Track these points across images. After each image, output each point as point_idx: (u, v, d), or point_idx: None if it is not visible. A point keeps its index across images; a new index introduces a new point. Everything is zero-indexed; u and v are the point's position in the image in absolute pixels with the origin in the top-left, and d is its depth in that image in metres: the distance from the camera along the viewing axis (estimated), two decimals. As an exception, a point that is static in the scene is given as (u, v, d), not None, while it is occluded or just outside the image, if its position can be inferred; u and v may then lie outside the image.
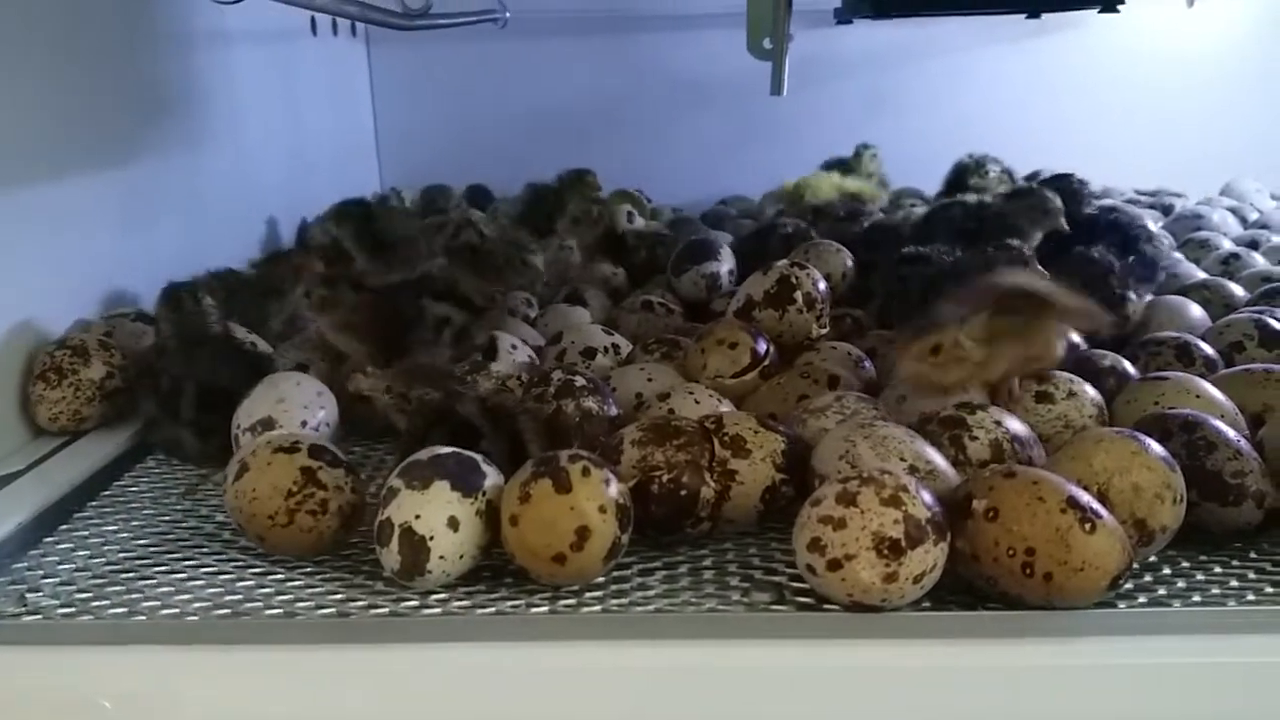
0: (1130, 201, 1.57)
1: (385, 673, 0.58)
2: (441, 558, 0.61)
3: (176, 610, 0.63)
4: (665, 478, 0.67)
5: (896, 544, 0.56)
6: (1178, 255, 1.26)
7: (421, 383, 0.77)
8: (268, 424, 0.79)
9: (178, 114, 1.23)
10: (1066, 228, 1.13)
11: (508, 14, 1.73)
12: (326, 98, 1.70)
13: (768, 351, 0.88)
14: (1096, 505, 0.59)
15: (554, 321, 1.09)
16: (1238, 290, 1.08)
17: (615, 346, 0.97)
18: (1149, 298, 1.02)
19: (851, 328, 1.02)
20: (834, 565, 0.57)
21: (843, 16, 1.45)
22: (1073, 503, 0.58)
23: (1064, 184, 1.26)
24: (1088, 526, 0.58)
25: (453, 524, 0.62)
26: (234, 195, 1.33)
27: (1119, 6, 1.12)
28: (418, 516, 0.61)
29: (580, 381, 0.81)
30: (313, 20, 1.61)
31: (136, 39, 1.14)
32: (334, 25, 1.69)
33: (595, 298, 1.17)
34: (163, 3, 1.19)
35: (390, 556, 0.62)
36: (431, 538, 0.61)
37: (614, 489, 0.62)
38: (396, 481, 0.63)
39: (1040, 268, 1.05)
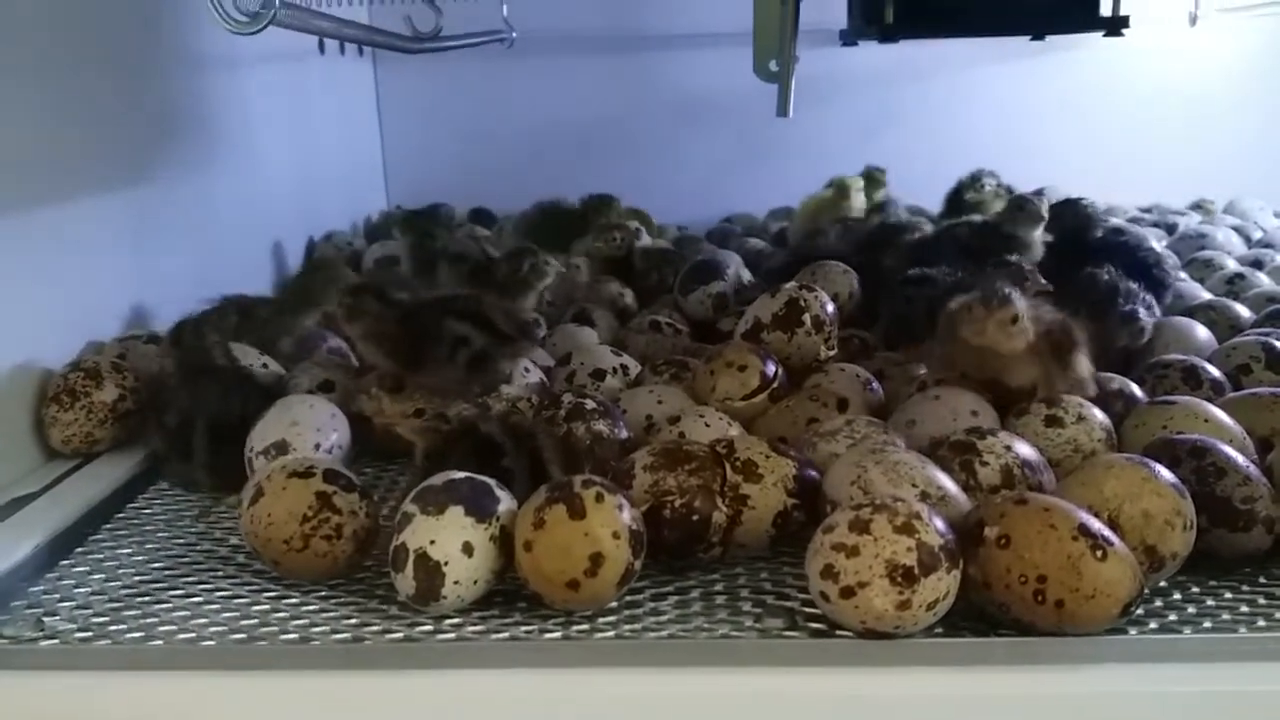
0: (1133, 220, 1.57)
1: (400, 699, 0.58)
2: (456, 583, 0.62)
3: (193, 635, 0.63)
4: (677, 502, 0.68)
5: (910, 571, 0.57)
6: (1183, 275, 1.26)
7: (441, 401, 0.77)
8: (281, 447, 0.79)
9: (188, 135, 1.24)
10: (1045, 215, 1.17)
11: (514, 34, 1.74)
12: (334, 118, 1.71)
13: (776, 374, 0.88)
14: (1107, 532, 0.59)
15: (562, 342, 1.09)
16: (1244, 311, 1.08)
17: (624, 368, 0.97)
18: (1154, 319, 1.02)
19: (859, 349, 1.02)
20: (847, 592, 0.58)
21: (848, 39, 1.46)
22: (1084, 530, 0.59)
23: (1073, 208, 1.27)
24: (1099, 554, 0.58)
25: (467, 549, 0.62)
26: (243, 215, 1.34)
27: (1123, 30, 1.13)
28: (432, 542, 0.62)
29: (591, 404, 0.82)
30: (320, 40, 1.62)
31: (146, 61, 1.15)
32: (341, 46, 1.69)
33: (603, 318, 1.18)
34: (172, 25, 1.20)
35: (405, 582, 0.62)
36: (446, 563, 0.61)
37: (627, 514, 0.63)
38: (411, 507, 0.63)
39: (1042, 280, 1.06)
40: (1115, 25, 1.13)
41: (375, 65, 1.87)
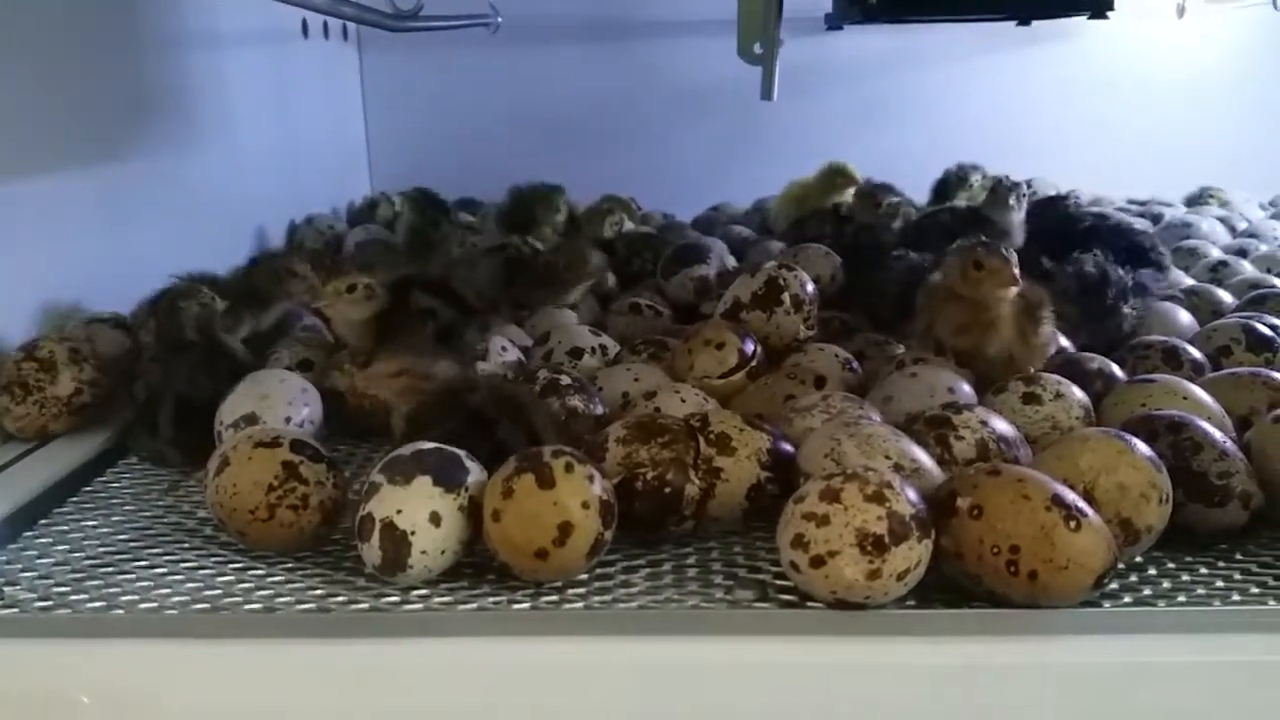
0: (1120, 210, 1.57)
1: (365, 668, 0.57)
2: (423, 553, 0.61)
3: (155, 605, 0.62)
4: (650, 475, 0.67)
5: (880, 540, 0.56)
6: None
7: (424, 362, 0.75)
8: (251, 420, 0.78)
9: (166, 114, 1.23)
10: (1015, 201, 1.18)
11: (499, 19, 1.73)
12: (317, 101, 1.69)
13: (755, 352, 0.88)
14: (1082, 504, 0.59)
15: (541, 322, 1.08)
16: (1226, 297, 1.08)
17: (603, 347, 0.97)
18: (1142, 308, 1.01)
19: (839, 330, 1.02)
20: (817, 561, 0.57)
21: (833, 22, 1.45)
22: (1058, 501, 0.58)
23: (1055, 207, 1.28)
24: (1073, 524, 0.57)
25: (434, 519, 0.61)
26: (222, 197, 1.33)
27: (1109, 13, 1.12)
28: (399, 511, 0.61)
29: (566, 380, 0.81)
30: (304, 23, 1.61)
31: (125, 38, 1.14)
32: (325, 28, 1.68)
33: (584, 300, 1.17)
34: (152, 2, 1.19)
35: (371, 552, 0.61)
36: (413, 533, 0.61)
37: (598, 485, 0.62)
38: (378, 476, 0.62)
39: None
40: (1100, 7, 1.13)
41: (360, 49, 1.86)
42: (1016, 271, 0.79)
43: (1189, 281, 1.16)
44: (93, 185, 1.04)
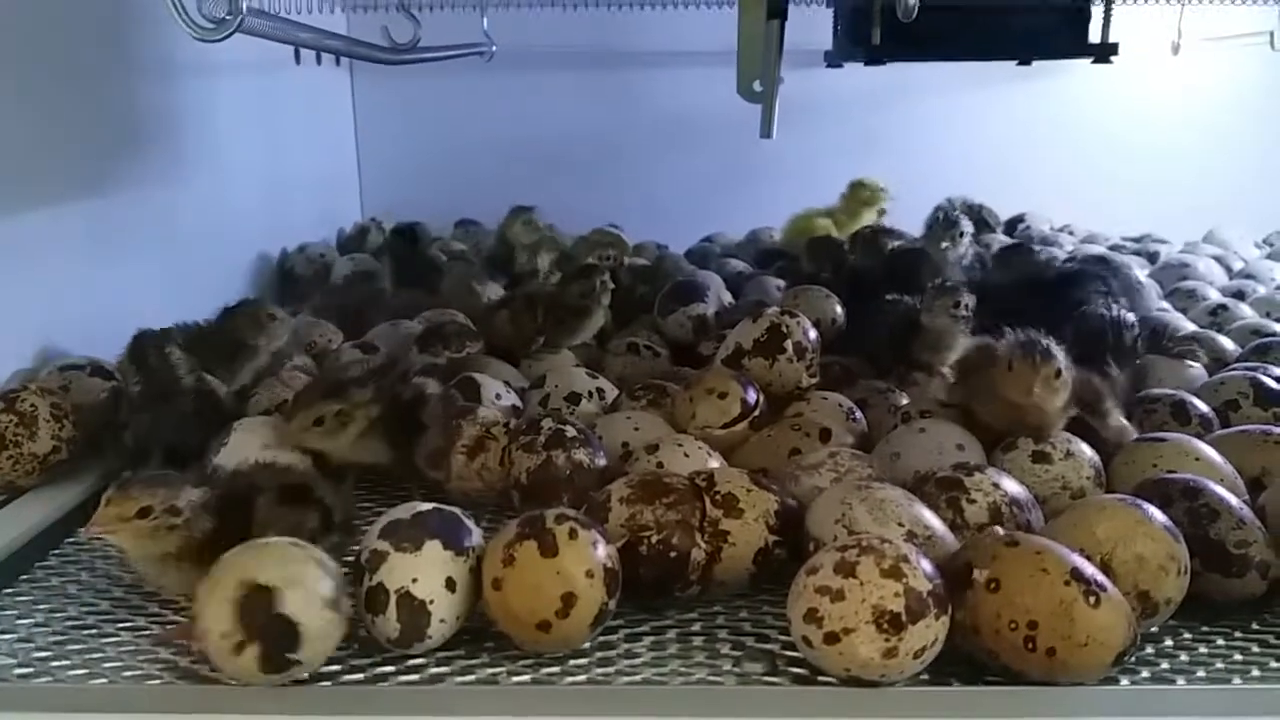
0: (1114, 248, 1.57)
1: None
2: (442, 621, 0.59)
3: (140, 672, 0.60)
4: (654, 538, 0.65)
5: (897, 618, 0.54)
6: (1165, 305, 1.25)
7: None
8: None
9: (155, 144, 1.20)
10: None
11: (494, 47, 1.72)
12: (308, 128, 1.67)
13: (758, 402, 0.86)
14: (1101, 578, 0.57)
15: (536, 364, 1.06)
16: (1228, 344, 1.07)
17: (600, 391, 0.95)
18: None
19: (841, 375, 1.00)
20: (831, 638, 0.55)
21: (833, 61, 1.44)
22: (1077, 575, 0.56)
23: (1020, 255, 1.28)
24: (1092, 600, 0.56)
25: (450, 585, 0.59)
26: (212, 227, 1.30)
27: (1112, 58, 1.12)
28: (415, 580, 0.59)
29: (571, 432, 0.79)
30: (296, 50, 1.59)
31: (113, 66, 1.12)
32: (317, 56, 1.66)
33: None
34: (141, 30, 1.17)
35: (388, 624, 0.59)
36: (432, 601, 0.59)
37: (602, 551, 0.60)
38: (382, 544, 0.60)
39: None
40: (1104, 52, 1.12)
41: (352, 76, 1.84)
42: (1042, 380, 0.74)
43: (1190, 326, 1.15)
44: (79, 218, 1.02)
